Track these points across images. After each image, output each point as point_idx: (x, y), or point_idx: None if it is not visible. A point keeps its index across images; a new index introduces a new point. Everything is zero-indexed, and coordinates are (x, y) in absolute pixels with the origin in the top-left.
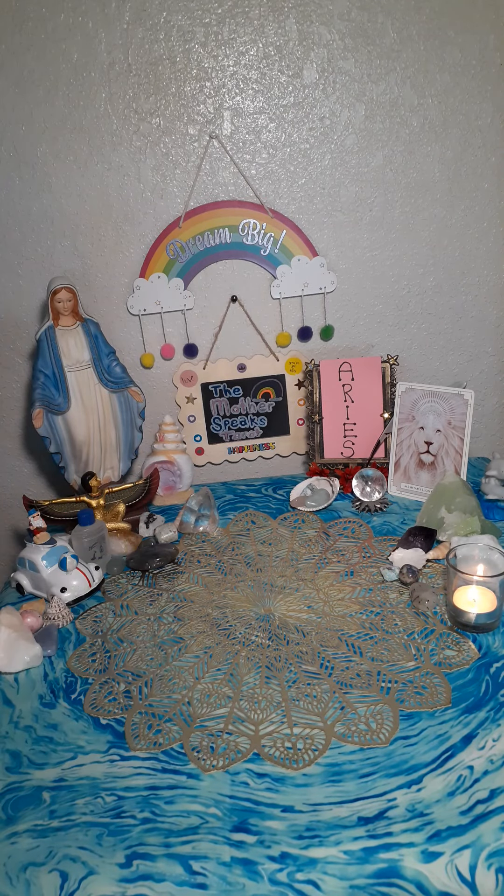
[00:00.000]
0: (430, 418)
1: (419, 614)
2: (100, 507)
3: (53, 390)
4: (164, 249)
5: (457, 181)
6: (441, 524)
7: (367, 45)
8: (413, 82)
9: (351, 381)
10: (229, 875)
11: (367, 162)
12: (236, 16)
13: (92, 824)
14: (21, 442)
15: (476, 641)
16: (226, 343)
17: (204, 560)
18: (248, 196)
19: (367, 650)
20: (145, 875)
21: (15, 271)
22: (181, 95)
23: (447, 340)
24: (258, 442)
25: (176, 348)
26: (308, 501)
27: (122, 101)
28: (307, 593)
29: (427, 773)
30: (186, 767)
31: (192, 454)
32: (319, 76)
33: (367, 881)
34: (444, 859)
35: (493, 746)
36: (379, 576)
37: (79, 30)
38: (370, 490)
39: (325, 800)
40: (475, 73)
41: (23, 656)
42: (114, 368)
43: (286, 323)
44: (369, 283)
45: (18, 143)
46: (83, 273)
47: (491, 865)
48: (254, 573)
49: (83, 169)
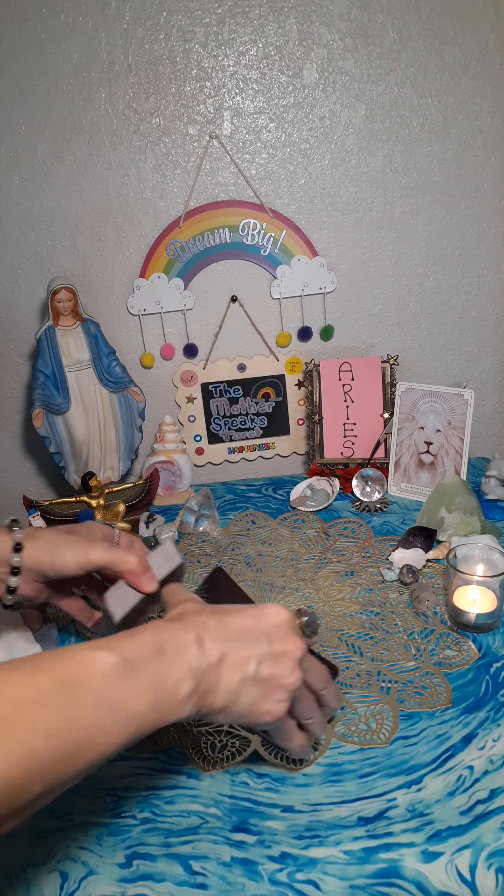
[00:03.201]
0: (430, 418)
1: (419, 614)
2: (100, 507)
3: (53, 390)
4: (164, 249)
5: (457, 181)
6: (441, 524)
7: (367, 45)
8: (413, 82)
9: (351, 381)
10: (229, 875)
11: (367, 162)
12: (236, 16)
13: (92, 824)
14: (21, 442)
15: (476, 641)
16: (226, 343)
17: (204, 560)
18: (248, 196)
19: (366, 650)
20: (145, 875)
21: (15, 271)
22: (181, 95)
23: (447, 340)
24: (258, 442)
25: (176, 348)
26: (308, 501)
27: (122, 101)
28: (307, 593)
29: (427, 773)
30: (186, 767)
31: (192, 454)
32: (319, 76)
33: (367, 881)
34: (444, 859)
35: (493, 746)
36: (379, 576)
37: (79, 30)
38: (370, 490)
39: (325, 800)
40: (475, 73)
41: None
42: (114, 368)
43: (286, 323)
44: (369, 283)
45: (18, 143)
46: (83, 273)
47: (491, 865)
48: (254, 573)
49: (83, 169)
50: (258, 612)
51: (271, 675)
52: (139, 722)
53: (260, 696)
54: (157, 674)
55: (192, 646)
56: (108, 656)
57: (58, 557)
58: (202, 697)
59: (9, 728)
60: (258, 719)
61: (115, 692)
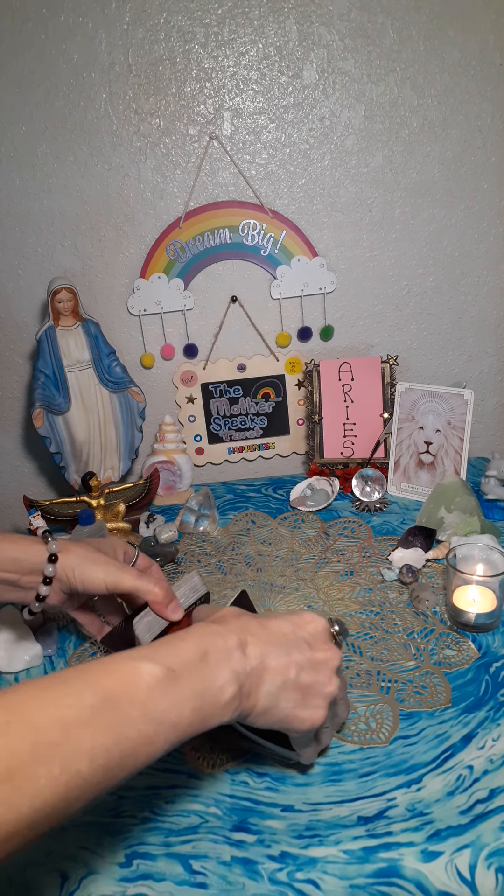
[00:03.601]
0: (429, 418)
1: (419, 614)
2: (100, 507)
3: (54, 390)
4: (165, 250)
5: (457, 181)
6: (441, 524)
7: (367, 45)
8: (413, 82)
9: (351, 381)
10: (229, 874)
11: (367, 162)
12: (236, 16)
13: (92, 824)
14: (21, 442)
15: (476, 641)
16: (226, 343)
17: (204, 560)
18: (248, 196)
19: (366, 650)
20: (145, 874)
21: (15, 271)
22: (181, 96)
23: (447, 340)
24: (258, 442)
25: (176, 348)
26: (308, 501)
27: (122, 102)
28: (307, 593)
29: (427, 772)
30: (186, 766)
31: (192, 454)
32: (319, 77)
33: (367, 881)
34: (443, 859)
35: (493, 746)
36: (379, 575)
37: (79, 30)
38: (370, 490)
39: (325, 799)
40: (475, 73)
41: (23, 656)
42: (114, 368)
43: (286, 323)
44: (369, 283)
45: (18, 143)
46: (83, 273)
47: (491, 865)
48: (254, 573)
49: (83, 169)
50: (297, 618)
51: (312, 682)
52: (182, 730)
53: (299, 702)
54: (201, 681)
55: (236, 650)
56: (152, 667)
57: (88, 573)
58: (244, 700)
59: (55, 753)
60: (296, 725)
61: (160, 703)
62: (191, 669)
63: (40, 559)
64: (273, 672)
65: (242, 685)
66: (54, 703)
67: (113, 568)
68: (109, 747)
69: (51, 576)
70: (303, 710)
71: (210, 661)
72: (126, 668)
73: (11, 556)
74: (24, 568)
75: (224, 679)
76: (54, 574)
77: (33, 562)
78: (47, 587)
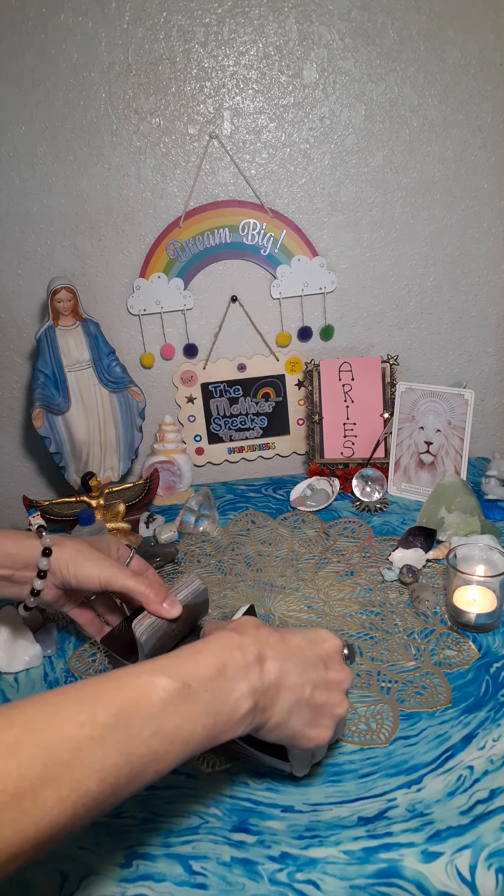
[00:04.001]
0: (430, 418)
1: (419, 614)
2: (100, 507)
3: (53, 390)
4: (164, 249)
5: (457, 181)
6: (441, 524)
7: (367, 45)
8: (413, 82)
9: (351, 381)
10: (229, 875)
11: (367, 162)
12: (236, 16)
13: (92, 824)
14: (21, 442)
15: (476, 641)
16: (226, 343)
17: (204, 560)
18: (248, 196)
19: (367, 650)
20: (145, 875)
21: (15, 271)
22: (181, 95)
23: (447, 340)
24: (258, 442)
25: (176, 348)
26: (308, 501)
27: (122, 101)
28: (307, 593)
29: (427, 773)
30: (186, 767)
31: (192, 454)
32: (319, 76)
33: (367, 881)
34: (444, 859)
35: (493, 746)
36: (379, 576)
37: (79, 30)
38: (370, 490)
39: (325, 800)
40: (475, 73)
41: (23, 656)
42: (114, 368)
43: (286, 323)
44: (369, 283)
45: (18, 143)
46: (83, 273)
47: (491, 865)
48: (254, 573)
49: (83, 169)
50: (314, 635)
51: (325, 702)
52: (193, 746)
53: (309, 721)
54: (216, 697)
55: (254, 664)
56: (167, 682)
57: (82, 569)
58: (258, 715)
59: (65, 774)
60: (303, 742)
61: (172, 720)
62: (207, 685)
63: (34, 554)
64: (289, 689)
65: (258, 701)
66: (67, 721)
67: (107, 564)
68: (120, 766)
69: (45, 569)
70: (311, 729)
71: (228, 675)
72: (140, 682)
73: (5, 551)
74: (18, 562)
75: (241, 693)
76: (48, 567)
77: (27, 556)
78: (42, 581)
